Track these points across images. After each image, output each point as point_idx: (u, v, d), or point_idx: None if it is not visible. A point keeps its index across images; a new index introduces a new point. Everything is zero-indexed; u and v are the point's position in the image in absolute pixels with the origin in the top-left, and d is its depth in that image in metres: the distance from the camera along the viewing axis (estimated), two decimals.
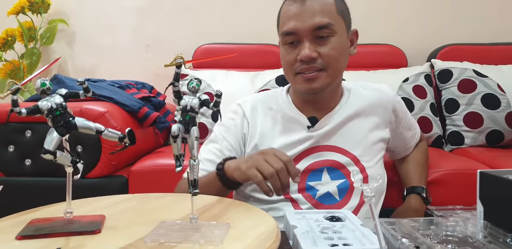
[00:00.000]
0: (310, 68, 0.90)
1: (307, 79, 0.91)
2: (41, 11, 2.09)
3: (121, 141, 0.53)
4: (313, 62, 0.90)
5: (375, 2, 2.14)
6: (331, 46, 0.90)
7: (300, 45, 0.91)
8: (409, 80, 1.72)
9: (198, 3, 2.18)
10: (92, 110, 1.25)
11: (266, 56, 1.96)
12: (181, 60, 0.51)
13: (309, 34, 0.89)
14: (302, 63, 0.90)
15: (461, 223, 0.63)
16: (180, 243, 0.51)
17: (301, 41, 0.90)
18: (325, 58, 0.90)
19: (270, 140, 0.97)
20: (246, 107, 1.03)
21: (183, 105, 0.52)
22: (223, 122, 1.04)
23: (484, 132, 1.63)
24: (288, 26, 0.90)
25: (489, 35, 2.05)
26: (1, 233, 0.56)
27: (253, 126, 1.00)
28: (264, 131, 0.99)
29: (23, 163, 1.30)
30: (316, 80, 0.91)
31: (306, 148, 0.96)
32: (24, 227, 0.56)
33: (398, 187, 1.18)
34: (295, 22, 0.89)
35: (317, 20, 0.88)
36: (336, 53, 0.91)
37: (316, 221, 0.66)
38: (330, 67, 0.91)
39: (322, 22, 0.88)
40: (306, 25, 0.88)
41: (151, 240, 0.51)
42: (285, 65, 0.95)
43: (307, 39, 0.89)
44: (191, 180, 0.52)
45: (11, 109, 0.53)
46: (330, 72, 0.92)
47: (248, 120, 1.01)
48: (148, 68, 2.17)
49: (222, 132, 1.01)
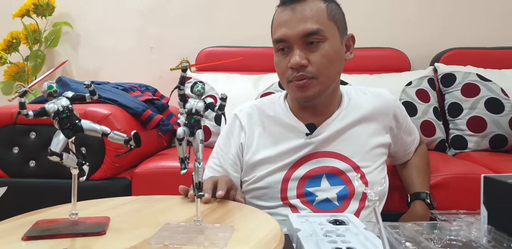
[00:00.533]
0: (300, 77, 0.89)
1: (299, 87, 0.91)
2: (46, 14, 2.10)
3: (127, 144, 0.53)
4: (303, 70, 0.89)
5: (379, 6, 2.14)
6: (322, 53, 0.89)
7: (291, 52, 0.90)
8: (412, 84, 1.72)
9: (201, 6, 2.19)
10: (96, 112, 1.26)
11: (269, 59, 1.93)
12: (186, 64, 0.52)
13: (299, 40, 0.88)
14: (293, 71, 0.90)
15: (465, 228, 0.63)
16: (184, 245, 0.52)
17: (292, 48, 0.90)
18: (315, 66, 0.89)
19: (267, 148, 0.97)
20: (242, 117, 1.03)
21: (189, 108, 0.52)
22: (221, 135, 1.05)
23: (487, 136, 1.63)
24: (279, 33, 0.90)
25: (493, 39, 2.05)
26: (7, 234, 0.56)
27: (250, 135, 1.00)
28: (261, 139, 0.99)
29: (28, 165, 1.30)
30: (308, 88, 0.90)
31: (304, 154, 0.95)
32: (30, 228, 0.57)
33: (399, 191, 1.18)
34: (285, 29, 0.89)
35: (307, 27, 0.87)
36: (327, 60, 0.89)
37: (319, 225, 0.66)
38: (320, 75, 0.90)
39: (312, 29, 0.87)
40: (296, 32, 0.88)
41: (155, 242, 0.52)
42: (278, 72, 0.96)
43: (297, 46, 0.89)
44: (196, 182, 0.52)
45: (19, 111, 0.53)
46: (321, 80, 0.90)
47: (245, 130, 1.01)
48: (151, 71, 2.18)
49: (222, 147, 1.03)
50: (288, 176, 0.94)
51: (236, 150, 1.01)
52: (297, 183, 0.94)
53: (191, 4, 2.18)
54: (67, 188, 0.58)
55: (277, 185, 0.94)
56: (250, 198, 0.98)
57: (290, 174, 0.94)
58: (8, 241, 0.54)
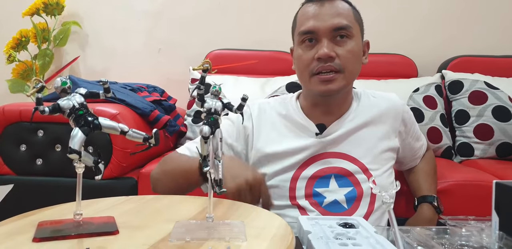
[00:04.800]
0: (327, 67, 0.90)
1: (324, 81, 0.92)
2: (55, 13, 2.11)
3: (145, 142, 0.53)
4: (331, 61, 0.90)
5: (388, 13, 2.15)
6: (348, 48, 0.91)
7: (318, 44, 0.91)
8: (420, 90, 1.72)
9: (210, 9, 2.20)
10: (104, 111, 1.26)
11: (277, 63, 1.97)
12: (208, 65, 0.53)
13: (328, 33, 0.90)
14: (320, 62, 0.90)
15: (476, 233, 0.63)
16: (206, 240, 0.51)
17: (320, 40, 0.91)
18: (342, 59, 0.91)
19: (276, 144, 0.97)
20: (253, 108, 1.03)
21: (208, 108, 0.53)
22: (227, 120, 1.03)
23: (494, 144, 1.62)
24: (307, 25, 0.91)
25: (501, 47, 2.05)
26: (15, 234, 0.54)
27: (257, 128, 1.00)
28: (271, 135, 0.99)
29: (34, 163, 1.31)
30: (333, 81, 0.91)
31: (313, 154, 0.96)
32: (37, 229, 0.54)
33: (406, 196, 1.18)
34: (314, 21, 0.91)
35: (336, 21, 0.90)
36: (352, 56, 0.92)
37: (329, 227, 0.66)
38: (346, 69, 0.92)
39: (342, 23, 0.90)
40: (326, 25, 0.90)
41: (176, 239, 0.51)
42: (301, 65, 0.95)
43: (326, 38, 0.90)
44: (216, 179, 0.53)
45: (35, 107, 0.52)
46: (346, 74, 0.92)
47: (253, 122, 1.01)
48: (159, 72, 2.19)
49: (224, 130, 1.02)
50: (297, 175, 0.95)
51: (239, 138, 1.00)
52: (305, 182, 0.94)
53: (200, 7, 2.19)
54: (73, 186, 0.56)
55: (286, 184, 0.95)
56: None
57: (299, 173, 0.95)
58: (18, 242, 0.51)
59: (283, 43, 1.88)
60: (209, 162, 0.51)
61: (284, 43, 1.87)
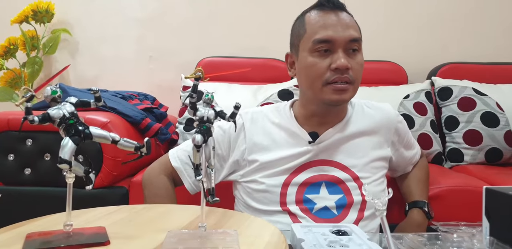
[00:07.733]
0: (344, 78, 0.91)
1: (338, 90, 0.91)
2: (45, 20, 2.10)
3: (137, 151, 0.53)
4: (347, 73, 0.91)
5: (378, 20, 2.18)
6: (357, 60, 0.93)
7: (333, 55, 0.91)
8: (410, 97, 1.73)
9: (201, 16, 2.20)
10: (95, 120, 1.25)
11: (269, 70, 1.98)
12: (200, 73, 0.52)
13: (344, 45, 0.91)
14: (336, 72, 0.90)
15: (467, 239, 0.63)
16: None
17: (335, 51, 0.91)
18: (354, 71, 0.92)
19: (269, 152, 0.98)
20: (246, 118, 1.03)
21: (200, 116, 0.53)
22: (218, 129, 1.03)
23: (483, 149, 1.64)
24: (324, 34, 0.91)
25: (488, 55, 2.08)
26: (3, 246, 0.53)
27: (249, 138, 1.00)
28: (263, 144, 0.99)
29: (23, 172, 1.28)
30: (346, 92, 0.92)
31: (305, 161, 0.96)
32: (25, 242, 0.54)
33: (398, 202, 1.18)
34: (332, 31, 0.91)
35: (352, 33, 0.91)
36: (361, 69, 0.94)
37: (322, 235, 0.66)
38: (356, 81, 0.93)
39: (356, 36, 0.92)
40: (344, 36, 0.90)
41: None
42: (314, 73, 0.93)
43: (342, 49, 0.91)
44: (209, 188, 0.52)
45: (24, 117, 0.52)
46: (355, 86, 0.94)
47: (245, 132, 1.01)
48: (150, 80, 2.18)
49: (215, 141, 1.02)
50: (288, 181, 0.95)
51: (228, 147, 1.01)
52: (296, 189, 0.95)
53: (191, 14, 2.20)
54: (63, 196, 0.55)
55: (276, 189, 0.95)
56: (249, 201, 0.98)
57: (290, 179, 0.95)
58: None
59: (274, 50, 1.90)
60: (201, 171, 0.50)
61: (275, 51, 1.90)
